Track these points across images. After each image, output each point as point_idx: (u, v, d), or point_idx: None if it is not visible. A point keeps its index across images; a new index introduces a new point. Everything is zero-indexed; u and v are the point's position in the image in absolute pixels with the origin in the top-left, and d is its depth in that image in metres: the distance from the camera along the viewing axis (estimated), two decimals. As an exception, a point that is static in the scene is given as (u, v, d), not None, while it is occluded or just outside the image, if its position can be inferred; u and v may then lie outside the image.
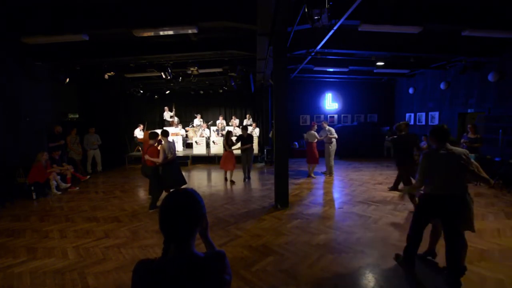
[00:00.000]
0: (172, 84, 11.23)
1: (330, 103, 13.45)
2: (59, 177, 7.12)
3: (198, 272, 1.00)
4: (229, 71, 8.64)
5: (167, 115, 13.45)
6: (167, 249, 1.03)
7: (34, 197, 6.44)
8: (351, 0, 4.02)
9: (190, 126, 13.18)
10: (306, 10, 3.82)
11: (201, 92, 14.11)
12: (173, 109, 13.64)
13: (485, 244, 3.80)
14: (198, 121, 13.08)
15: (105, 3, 5.16)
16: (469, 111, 8.88)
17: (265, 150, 11.25)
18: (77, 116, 9.60)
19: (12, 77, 7.03)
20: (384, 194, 6.27)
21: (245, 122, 13.44)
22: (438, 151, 2.91)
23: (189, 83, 11.08)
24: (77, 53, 7.39)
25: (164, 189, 5.74)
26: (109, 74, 8.40)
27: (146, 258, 1.09)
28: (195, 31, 5.34)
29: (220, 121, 13.00)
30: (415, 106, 11.66)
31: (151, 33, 5.40)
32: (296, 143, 12.58)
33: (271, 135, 11.18)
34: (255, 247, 3.86)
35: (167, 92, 13.70)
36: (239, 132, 11.47)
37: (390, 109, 13.46)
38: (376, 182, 7.24)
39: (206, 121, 13.43)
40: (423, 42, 7.09)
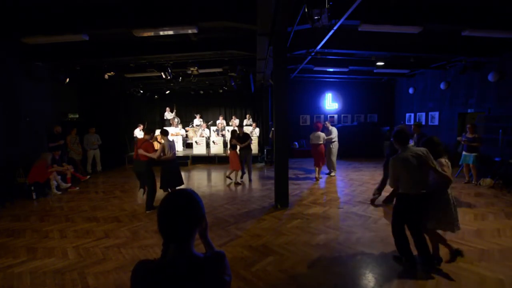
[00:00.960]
0: (172, 84, 11.23)
1: (330, 103, 13.45)
2: (59, 177, 7.13)
3: (198, 273, 1.00)
4: (229, 71, 8.64)
5: (168, 115, 13.46)
6: (167, 250, 1.02)
7: (34, 197, 6.44)
8: (351, 0, 4.02)
9: (190, 126, 13.19)
10: (306, 10, 3.82)
11: (201, 92, 14.12)
12: (174, 109, 13.65)
13: (485, 244, 3.80)
14: (198, 121, 13.09)
15: (105, 3, 5.15)
16: (469, 111, 8.88)
17: (265, 150, 11.25)
18: (77, 116, 9.60)
19: (12, 77, 7.03)
20: (384, 194, 6.26)
21: (245, 122, 13.45)
22: (404, 153, 3.08)
23: (189, 83, 11.09)
24: (77, 53, 7.39)
25: (162, 188, 5.75)
26: (109, 74, 8.40)
27: (145, 258, 1.09)
28: (195, 31, 5.34)
29: (220, 121, 13.01)
30: (415, 106, 11.66)
31: (151, 33, 5.40)
32: (296, 143, 12.58)
33: (271, 135, 11.18)
34: (255, 247, 3.86)
35: (167, 92, 13.70)
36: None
37: (390, 109, 13.46)
38: (376, 182, 7.22)
39: (206, 121, 13.44)
40: (423, 42, 7.09)
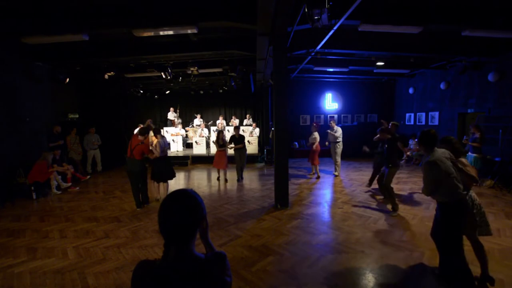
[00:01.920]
0: (172, 84, 11.24)
1: (330, 103, 13.44)
2: (59, 176, 7.13)
3: (199, 273, 1.00)
4: (229, 71, 8.64)
5: (171, 115, 13.47)
6: (168, 250, 1.02)
7: (34, 197, 6.44)
8: (351, 0, 4.02)
9: (190, 126, 13.20)
10: (306, 10, 3.83)
11: (201, 92, 14.12)
12: (177, 110, 13.66)
13: (485, 244, 3.75)
14: (198, 121, 13.10)
15: (105, 3, 5.15)
16: (469, 111, 8.88)
17: (265, 150, 11.25)
18: (77, 116, 9.60)
19: (12, 77, 7.03)
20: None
21: (245, 122, 13.45)
22: (436, 154, 2.77)
23: (189, 83, 11.09)
24: (77, 53, 7.39)
25: (156, 180, 6.00)
26: (109, 74, 8.40)
27: (146, 259, 1.09)
28: (195, 31, 5.33)
29: (220, 121, 13.00)
30: (415, 106, 11.66)
31: (151, 33, 5.40)
32: (296, 143, 12.58)
33: (271, 135, 11.18)
34: (255, 247, 3.86)
35: (167, 92, 13.70)
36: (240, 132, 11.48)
37: (390, 109, 13.46)
38: (376, 182, 7.23)
39: (206, 121, 13.44)
40: (423, 42, 7.09)
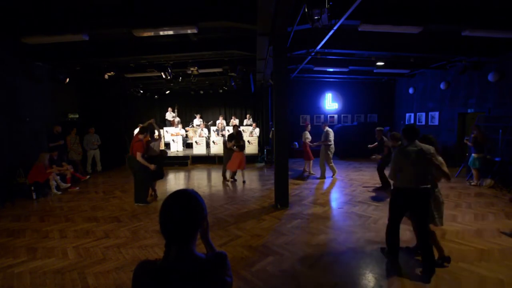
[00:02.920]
0: (172, 84, 11.24)
1: (330, 103, 13.45)
2: (58, 177, 7.12)
3: (200, 273, 1.00)
4: (229, 71, 8.64)
5: (169, 115, 13.48)
6: (169, 250, 1.02)
7: (34, 197, 6.44)
8: (351, 0, 4.02)
9: (190, 126, 13.20)
10: (306, 10, 3.83)
11: (201, 92, 14.12)
12: (175, 109, 13.66)
13: (485, 244, 3.80)
14: (198, 121, 13.10)
15: (105, 3, 5.15)
16: (469, 111, 8.88)
17: (265, 150, 11.25)
18: (77, 116, 9.60)
19: (12, 77, 7.02)
20: (384, 194, 6.28)
21: (245, 122, 13.46)
22: (408, 147, 3.15)
23: (189, 83, 11.09)
24: (77, 53, 7.39)
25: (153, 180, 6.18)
26: (109, 74, 8.40)
27: (147, 259, 1.08)
28: (195, 31, 5.33)
29: (220, 121, 13.01)
30: (415, 106, 11.66)
31: (151, 33, 5.39)
32: (296, 143, 12.55)
33: (271, 135, 11.18)
34: (255, 247, 3.86)
35: (167, 92, 13.70)
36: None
37: (390, 109, 13.46)
38: (376, 182, 7.24)
39: (206, 121, 13.44)
40: (423, 42, 7.09)
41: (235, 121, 13.10)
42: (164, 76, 8.40)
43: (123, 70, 8.88)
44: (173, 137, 11.97)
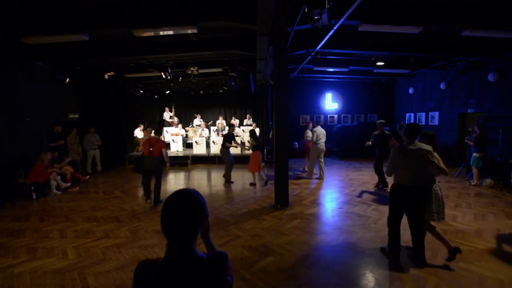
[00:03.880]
0: (172, 84, 11.23)
1: (330, 103, 13.45)
2: (59, 177, 7.12)
3: (201, 273, 1.00)
4: (229, 71, 8.64)
5: (167, 115, 13.49)
6: (170, 250, 1.02)
7: (34, 197, 6.43)
8: (351, 0, 4.02)
9: (190, 126, 13.20)
10: (306, 10, 3.83)
11: (201, 92, 14.12)
12: (172, 109, 13.65)
13: (485, 244, 3.80)
14: (198, 121, 13.10)
15: (105, 3, 5.15)
16: (469, 111, 8.88)
17: (265, 150, 11.24)
18: (77, 116, 9.60)
19: (12, 77, 7.03)
20: (384, 194, 6.28)
21: (245, 122, 13.46)
22: (407, 146, 3.21)
23: (189, 83, 11.09)
24: (77, 53, 7.39)
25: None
26: (109, 74, 8.40)
27: (147, 258, 1.09)
28: (195, 31, 5.34)
29: (220, 121, 13.01)
30: (415, 106, 11.66)
31: (151, 33, 5.40)
32: (296, 143, 12.57)
33: (271, 135, 11.17)
34: (255, 247, 3.86)
35: (167, 92, 13.70)
36: (239, 132, 11.49)
37: (390, 109, 13.47)
38: (376, 182, 7.24)
39: (206, 121, 13.44)
40: (423, 42, 7.09)
41: (235, 121, 13.12)
42: (164, 76, 8.40)
43: (123, 70, 8.88)
44: (173, 137, 11.97)
